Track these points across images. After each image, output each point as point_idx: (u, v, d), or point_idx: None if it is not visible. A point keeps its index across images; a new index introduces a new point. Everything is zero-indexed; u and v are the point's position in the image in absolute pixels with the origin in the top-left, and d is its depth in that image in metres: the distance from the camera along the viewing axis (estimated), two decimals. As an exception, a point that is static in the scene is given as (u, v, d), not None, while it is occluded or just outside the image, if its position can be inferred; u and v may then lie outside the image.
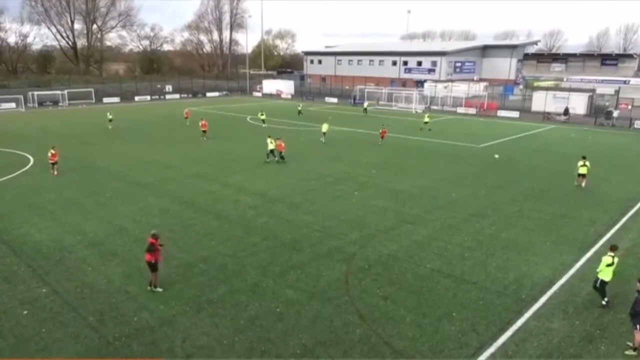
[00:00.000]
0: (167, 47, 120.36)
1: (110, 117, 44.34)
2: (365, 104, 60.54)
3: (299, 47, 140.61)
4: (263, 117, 46.06)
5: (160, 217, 19.12)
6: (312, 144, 36.20)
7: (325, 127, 37.11)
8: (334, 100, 73.06)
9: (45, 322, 11.59)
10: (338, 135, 40.86)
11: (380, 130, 36.23)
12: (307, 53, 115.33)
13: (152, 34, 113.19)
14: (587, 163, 23.56)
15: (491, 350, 10.62)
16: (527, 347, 10.72)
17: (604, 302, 12.36)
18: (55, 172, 25.62)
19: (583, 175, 23.63)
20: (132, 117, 52.86)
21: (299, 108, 55.82)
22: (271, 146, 29.24)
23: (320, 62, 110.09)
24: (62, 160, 28.67)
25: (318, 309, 12.25)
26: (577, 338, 11.11)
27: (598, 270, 12.42)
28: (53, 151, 26.02)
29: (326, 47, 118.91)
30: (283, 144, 28.87)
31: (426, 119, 45.55)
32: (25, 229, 17.79)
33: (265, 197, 21.93)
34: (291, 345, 10.75)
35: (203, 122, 37.58)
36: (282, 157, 28.67)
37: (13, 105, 60.76)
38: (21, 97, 61.75)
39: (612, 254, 12.35)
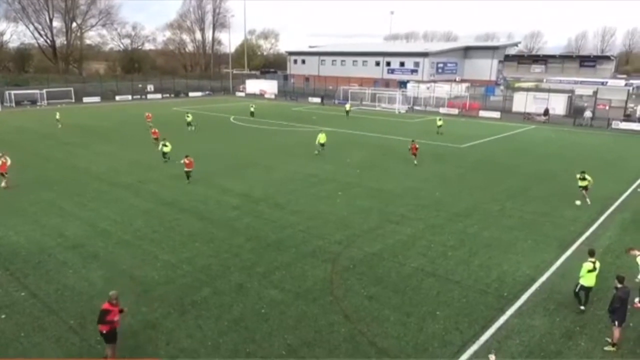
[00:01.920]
0: (148, 46, 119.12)
1: (58, 117, 43.52)
2: (348, 106, 56.65)
3: (283, 47, 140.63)
4: (189, 119, 43.06)
5: (143, 218, 18.89)
6: (297, 144, 36.15)
7: (322, 138, 32.30)
8: (318, 100, 73.14)
9: (24, 327, 11.36)
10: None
11: (410, 146, 29.65)
12: (291, 53, 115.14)
13: (133, 32, 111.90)
14: (588, 176, 21.64)
15: (474, 348, 10.75)
16: (509, 345, 10.88)
17: (582, 308, 12.25)
18: (3, 184, 22.77)
19: (585, 188, 21.71)
20: (113, 117, 52.09)
21: (252, 109, 52.58)
22: (166, 149, 28.74)
23: (303, 62, 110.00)
24: (43, 161, 28.16)
25: (303, 309, 12.24)
26: (557, 335, 11.31)
27: (580, 275, 12.27)
28: (2, 159, 22.99)
29: (310, 47, 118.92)
30: (192, 162, 24.38)
31: (439, 123, 42.31)
32: (2, 231, 17.38)
33: (249, 198, 21.83)
34: (276, 346, 10.72)
35: (153, 130, 35.35)
36: (187, 176, 24.25)
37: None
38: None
39: (593, 259, 12.16)
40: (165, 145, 29.08)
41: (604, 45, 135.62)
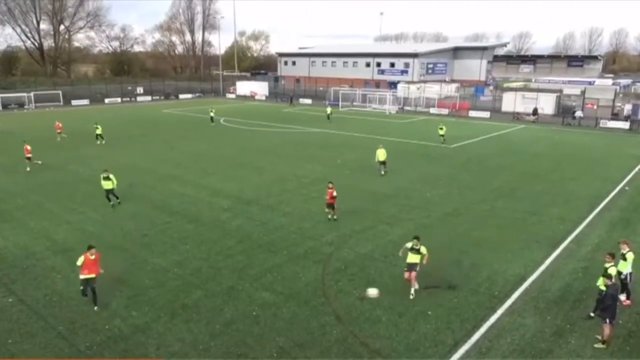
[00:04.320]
0: (138, 48, 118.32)
1: None
2: (329, 109, 52.37)
3: (273, 48, 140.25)
4: (99, 131, 36.40)
5: (133, 222, 18.73)
6: (287, 145, 36.11)
7: (382, 155, 26.60)
8: (309, 101, 73.13)
9: (12, 333, 11.20)
10: (310, 136, 40.94)
11: (328, 189, 18.90)
12: (281, 54, 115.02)
13: (122, 34, 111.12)
14: (422, 249, 13.16)
15: (466, 347, 10.78)
16: (500, 343, 10.92)
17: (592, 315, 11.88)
18: None
19: (412, 266, 13.14)
20: (103, 120, 51.61)
21: (211, 114, 48.21)
22: (108, 184, 20.34)
23: (294, 63, 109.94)
24: (31, 164, 27.73)
25: (295, 311, 12.20)
26: (548, 333, 11.38)
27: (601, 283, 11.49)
28: None
29: (300, 48, 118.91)
30: (98, 262, 12.62)
31: (442, 132, 36.79)
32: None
33: (240, 199, 21.74)
34: (268, 348, 10.67)
35: (26, 147, 27.64)
36: (83, 291, 12.43)
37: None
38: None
39: (612, 262, 11.76)
40: (107, 178, 20.33)
41: (591, 45, 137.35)
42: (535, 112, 53.65)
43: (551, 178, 26.41)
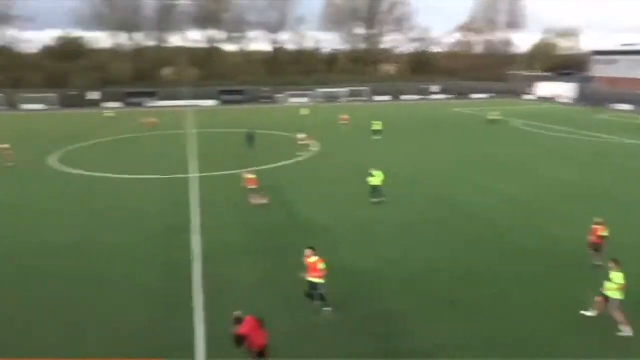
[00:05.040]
0: (435, 49, 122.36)
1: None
2: None
3: (585, 45, 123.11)
4: (377, 127, 38.82)
5: (416, 212, 19.71)
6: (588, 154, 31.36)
7: None
8: (628, 107, 61.31)
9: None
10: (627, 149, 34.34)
11: (591, 228, 14.28)
12: (596, 52, 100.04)
13: (422, 36, 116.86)
14: (614, 275, 10.77)
15: None
16: None
17: None
18: (255, 201, 20.20)
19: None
20: (398, 115, 55.86)
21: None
22: (374, 181, 20.40)
23: (611, 62, 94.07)
24: (349, 154, 32.20)
25: (564, 329, 10.53)
26: None
27: None
28: (250, 175, 20.86)
29: (622, 45, 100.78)
30: None
31: None
32: (297, 205, 20.85)
33: (521, 204, 20.57)
34: None
35: (298, 136, 32.90)
36: None
37: (305, 100, 72.76)
38: (311, 92, 73.62)
39: None
40: (372, 175, 20.62)
41: None
42: None
43: None
